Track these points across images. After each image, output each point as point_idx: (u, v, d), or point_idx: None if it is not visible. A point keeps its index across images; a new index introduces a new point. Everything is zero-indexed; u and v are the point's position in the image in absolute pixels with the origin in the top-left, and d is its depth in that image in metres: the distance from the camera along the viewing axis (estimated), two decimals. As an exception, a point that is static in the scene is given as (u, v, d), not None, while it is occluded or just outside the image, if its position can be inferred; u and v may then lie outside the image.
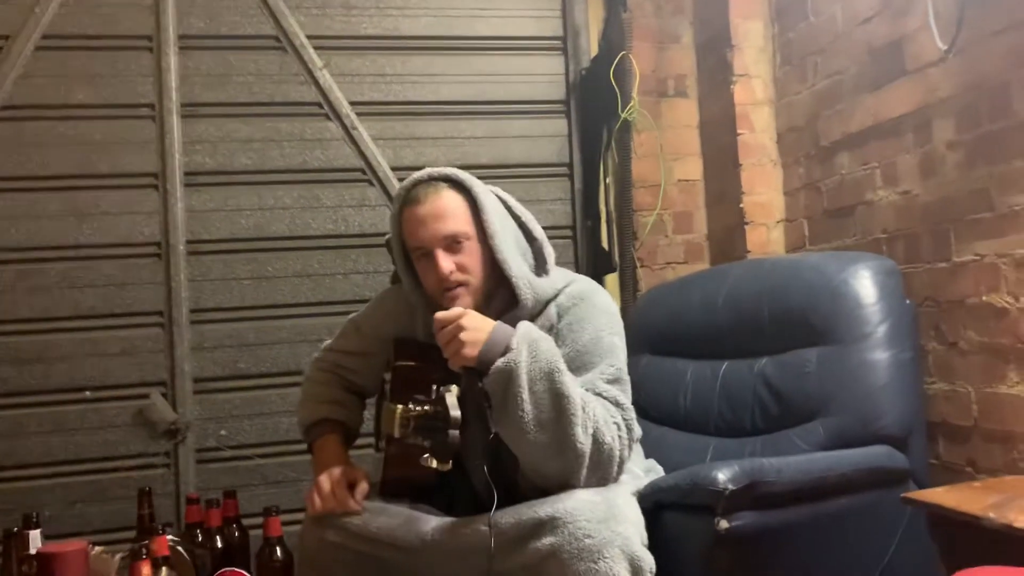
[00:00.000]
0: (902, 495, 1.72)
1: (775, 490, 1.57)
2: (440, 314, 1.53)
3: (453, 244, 1.61)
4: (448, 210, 1.61)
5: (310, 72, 2.68)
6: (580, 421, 1.45)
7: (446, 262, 1.60)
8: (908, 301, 2.00)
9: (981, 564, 1.32)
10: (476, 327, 1.49)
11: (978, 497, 1.61)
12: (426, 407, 1.43)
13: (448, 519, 1.58)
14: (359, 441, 1.88)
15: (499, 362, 1.45)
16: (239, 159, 2.64)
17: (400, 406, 1.45)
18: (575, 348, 1.60)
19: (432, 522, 1.57)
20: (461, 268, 1.61)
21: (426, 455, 1.42)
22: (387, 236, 1.78)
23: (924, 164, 2.14)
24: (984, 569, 1.29)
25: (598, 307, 1.67)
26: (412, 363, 1.67)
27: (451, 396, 1.41)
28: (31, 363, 2.47)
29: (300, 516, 2.32)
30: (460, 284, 1.61)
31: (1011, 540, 1.47)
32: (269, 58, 2.66)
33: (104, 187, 2.55)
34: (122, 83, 2.57)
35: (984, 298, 1.97)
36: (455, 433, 1.38)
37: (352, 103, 2.70)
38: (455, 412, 1.39)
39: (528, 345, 1.47)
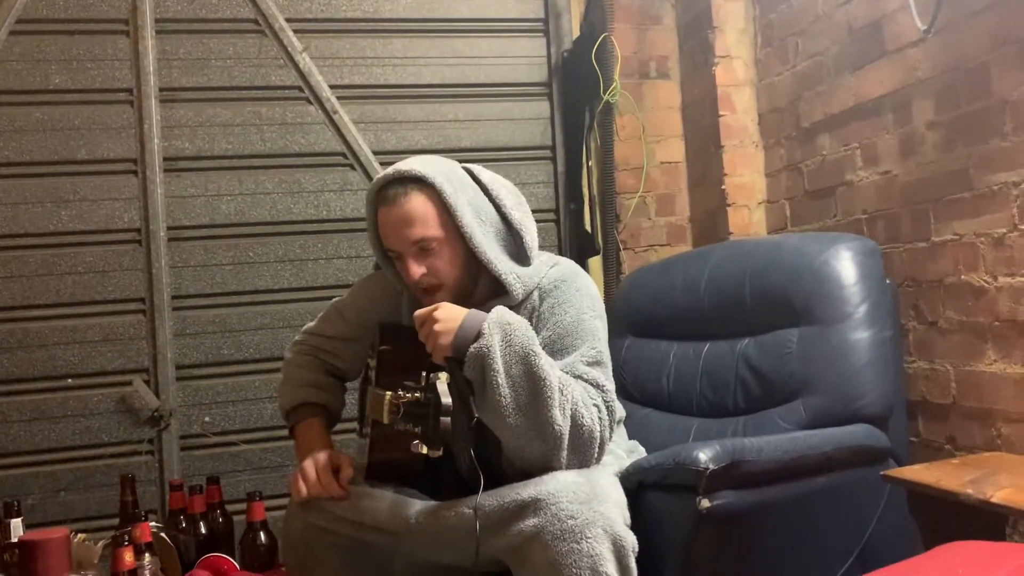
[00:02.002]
0: (882, 473, 1.74)
1: (756, 469, 1.58)
2: (417, 313, 1.54)
3: (423, 249, 1.60)
4: (416, 216, 1.59)
5: (290, 56, 2.65)
6: (558, 403, 1.46)
7: (416, 267, 1.60)
8: (888, 281, 2.02)
9: (960, 539, 1.33)
10: (448, 317, 1.50)
11: (956, 473, 1.64)
12: (416, 394, 1.43)
13: (433, 503, 1.58)
14: (341, 425, 1.88)
15: (472, 348, 1.46)
16: (219, 144, 2.62)
17: (389, 392, 1.45)
18: (556, 331, 1.60)
19: (417, 506, 1.57)
20: (432, 271, 1.61)
21: (416, 441, 1.41)
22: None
23: (904, 144, 2.15)
24: (962, 543, 1.31)
25: (580, 290, 1.66)
26: (398, 348, 1.66)
27: (441, 383, 1.40)
28: (11, 351, 2.45)
29: (284, 501, 2.32)
30: (432, 286, 1.62)
31: (988, 515, 1.49)
32: (248, 41, 2.64)
33: (82, 173, 2.53)
34: (99, 68, 2.54)
35: (963, 277, 1.98)
36: (446, 420, 1.37)
37: (333, 87, 2.68)
38: (446, 399, 1.38)
39: (501, 329, 1.47)
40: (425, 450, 1.41)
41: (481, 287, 1.67)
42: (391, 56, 2.74)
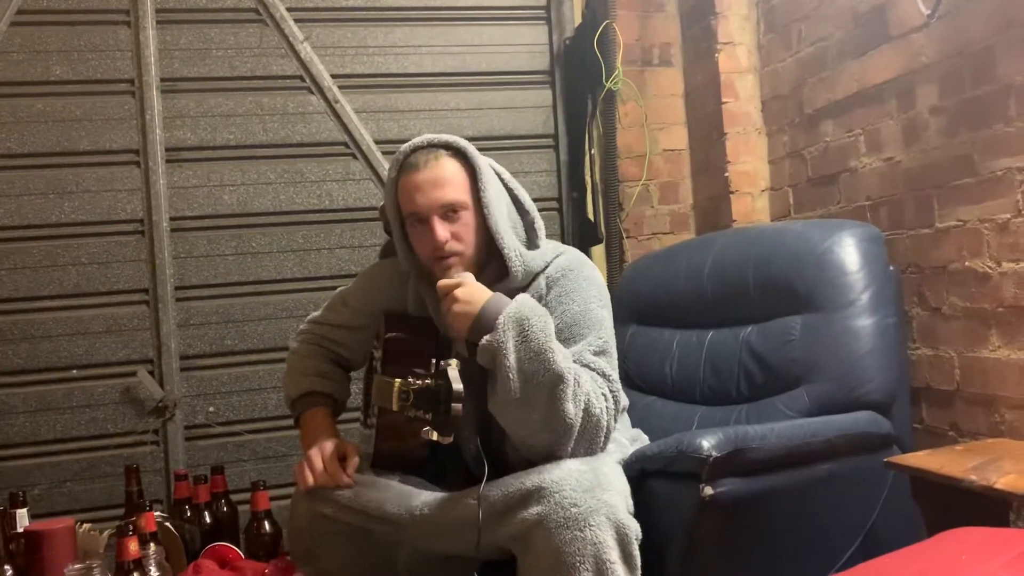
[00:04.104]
0: (885, 460, 1.73)
1: (759, 456, 1.58)
2: (442, 282, 1.53)
3: (450, 213, 1.59)
4: (447, 178, 1.59)
5: (291, 45, 2.65)
6: (571, 396, 1.45)
7: (442, 230, 1.58)
8: (892, 267, 2.01)
9: (963, 525, 1.33)
10: (469, 299, 1.49)
11: (960, 460, 1.63)
12: (427, 380, 1.41)
13: (438, 493, 1.58)
14: (346, 414, 1.88)
15: (484, 340, 1.45)
16: (221, 134, 2.61)
17: (398, 380, 1.43)
18: (563, 320, 1.60)
19: (422, 496, 1.58)
20: (456, 237, 1.60)
21: (427, 427, 1.40)
22: (381, 204, 1.76)
23: (907, 130, 2.14)
24: (966, 530, 1.31)
25: (587, 279, 1.66)
26: (403, 335, 1.66)
27: (453, 370, 1.40)
28: (16, 342, 2.46)
29: (288, 491, 2.32)
30: (454, 254, 1.60)
31: (991, 501, 1.49)
32: (249, 31, 2.63)
33: (85, 164, 2.53)
34: (100, 58, 2.54)
35: (967, 263, 1.98)
36: (458, 406, 1.37)
37: (334, 76, 2.68)
38: (457, 385, 1.37)
39: (517, 324, 1.45)
40: (435, 436, 1.40)
41: (488, 270, 1.66)
42: (393, 45, 2.73)
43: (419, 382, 1.41)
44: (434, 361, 1.44)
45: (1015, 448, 1.75)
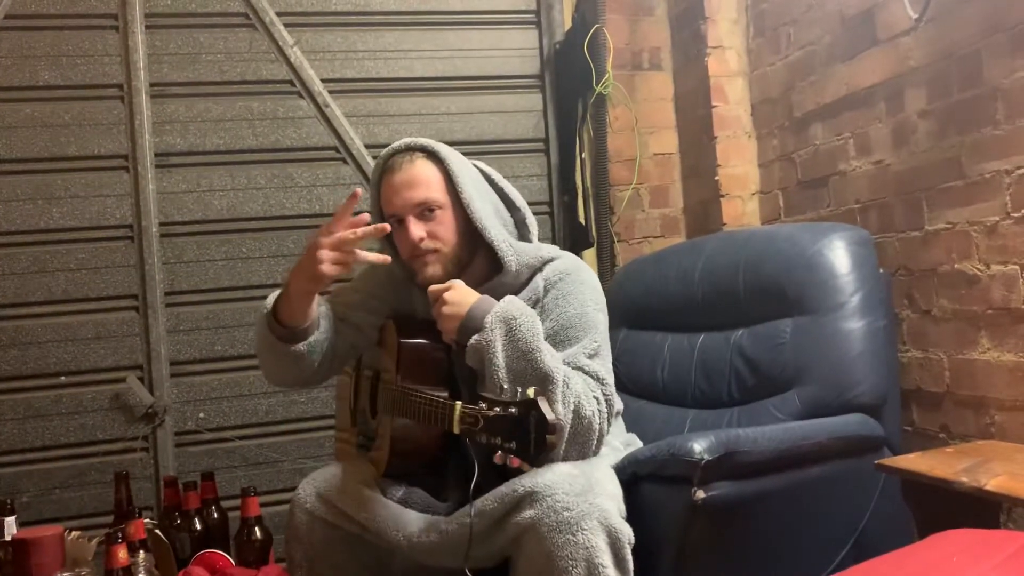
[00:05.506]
0: (876, 462, 1.73)
1: (751, 459, 1.58)
2: (432, 288, 1.57)
3: (425, 212, 1.62)
4: (420, 179, 1.63)
5: (281, 50, 2.64)
6: (560, 397, 1.46)
7: (417, 229, 1.62)
8: (882, 270, 2.02)
9: (954, 527, 1.34)
10: (456, 302, 1.53)
11: (950, 462, 1.64)
12: (510, 409, 1.33)
13: (435, 518, 1.57)
14: (326, 422, 1.84)
15: (472, 340, 1.48)
16: (211, 139, 2.60)
17: (458, 403, 1.39)
18: (559, 322, 1.61)
19: (420, 523, 1.57)
20: (432, 236, 1.63)
21: (506, 455, 1.32)
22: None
23: (896, 134, 2.15)
24: (957, 531, 1.31)
25: (584, 283, 1.68)
26: (418, 342, 1.64)
27: (544, 402, 1.32)
28: (4, 349, 2.44)
29: (278, 496, 2.32)
30: (430, 251, 1.63)
31: (982, 502, 1.49)
32: (239, 36, 2.63)
33: (73, 169, 2.51)
34: (89, 63, 2.53)
35: (956, 266, 1.98)
36: (552, 438, 1.31)
37: (324, 80, 2.67)
38: (551, 417, 1.31)
39: (504, 323, 1.47)
40: (518, 463, 1.33)
41: (478, 263, 1.67)
42: (383, 49, 2.73)
43: (496, 409, 1.34)
44: (511, 387, 1.38)
45: (1005, 450, 1.76)
